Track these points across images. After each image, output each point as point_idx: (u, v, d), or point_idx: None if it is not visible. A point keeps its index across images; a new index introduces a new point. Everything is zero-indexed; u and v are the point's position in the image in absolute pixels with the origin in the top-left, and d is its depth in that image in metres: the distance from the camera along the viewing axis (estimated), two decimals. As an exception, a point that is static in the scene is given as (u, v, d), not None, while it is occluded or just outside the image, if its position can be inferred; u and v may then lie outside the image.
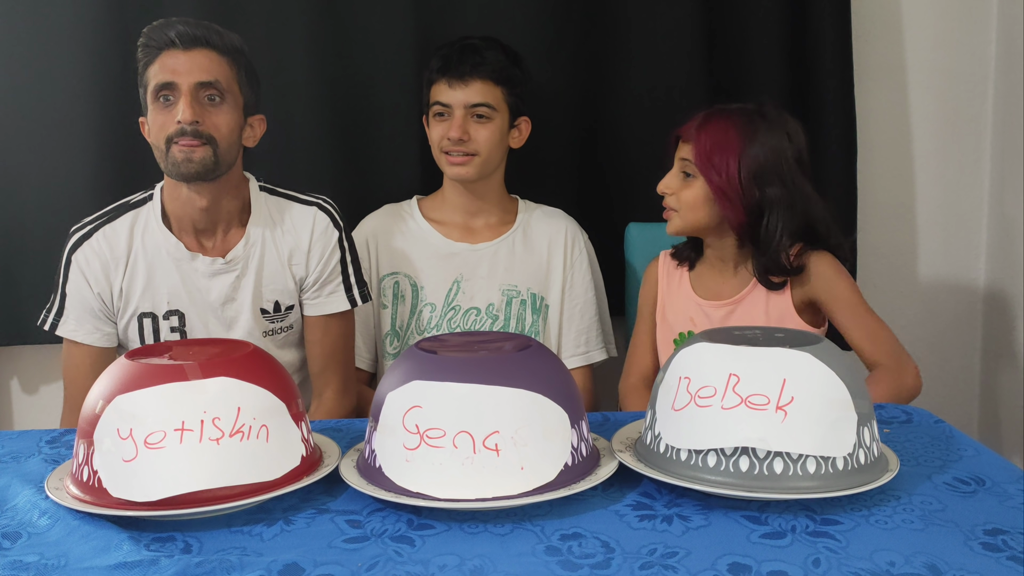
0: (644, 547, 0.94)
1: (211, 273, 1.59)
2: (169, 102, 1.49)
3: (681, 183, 1.61)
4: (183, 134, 1.47)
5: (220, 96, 1.51)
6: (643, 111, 2.02)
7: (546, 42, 1.98)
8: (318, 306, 1.65)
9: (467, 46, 1.74)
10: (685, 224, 1.62)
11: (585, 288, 1.87)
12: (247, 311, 1.61)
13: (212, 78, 1.49)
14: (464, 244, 1.83)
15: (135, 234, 1.59)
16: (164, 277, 1.58)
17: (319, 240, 1.63)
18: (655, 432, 1.09)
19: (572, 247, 1.86)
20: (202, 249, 1.59)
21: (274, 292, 1.62)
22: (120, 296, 1.59)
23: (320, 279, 1.64)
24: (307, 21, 1.96)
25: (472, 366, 1.05)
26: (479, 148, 1.74)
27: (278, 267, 1.62)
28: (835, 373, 1.03)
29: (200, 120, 1.48)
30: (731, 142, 1.55)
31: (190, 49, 1.49)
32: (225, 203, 1.58)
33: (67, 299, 1.59)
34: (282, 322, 1.65)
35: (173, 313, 1.60)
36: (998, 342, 2.16)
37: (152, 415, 1.01)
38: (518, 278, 1.82)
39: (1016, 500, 1.03)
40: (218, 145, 1.50)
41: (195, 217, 1.57)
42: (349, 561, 0.92)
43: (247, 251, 1.60)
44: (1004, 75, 2.10)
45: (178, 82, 1.48)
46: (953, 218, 2.19)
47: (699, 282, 1.70)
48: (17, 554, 0.95)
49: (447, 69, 1.73)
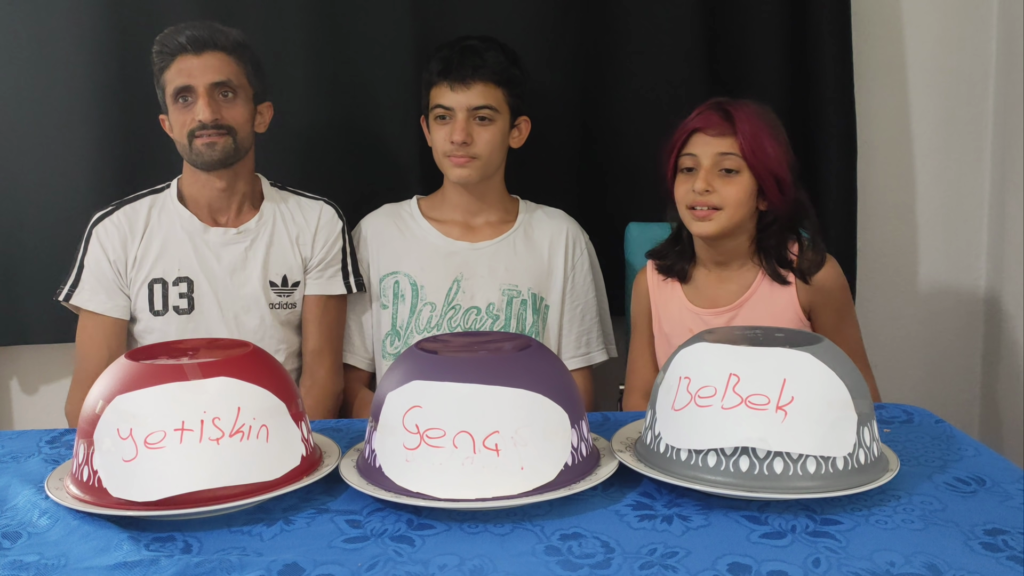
0: (644, 547, 0.94)
1: (223, 243, 1.72)
2: (188, 102, 1.64)
3: (723, 180, 1.51)
4: (204, 128, 1.62)
5: (233, 92, 1.66)
6: (643, 111, 2.01)
7: (546, 42, 1.98)
8: (319, 286, 1.77)
9: (467, 47, 1.73)
10: (730, 223, 1.51)
11: (586, 289, 1.86)
12: (255, 280, 1.72)
13: (224, 77, 1.64)
14: (464, 243, 1.83)
15: (152, 212, 1.73)
16: (177, 246, 1.71)
17: (324, 227, 1.78)
18: (655, 432, 1.09)
19: (573, 248, 1.85)
20: (215, 224, 1.73)
21: (282, 266, 1.75)
22: (134, 264, 1.70)
23: (324, 261, 1.77)
24: (306, 21, 1.96)
25: (472, 366, 1.05)
26: (481, 151, 1.73)
27: (287, 244, 1.75)
28: (835, 373, 1.03)
29: (218, 116, 1.63)
30: (769, 129, 1.50)
31: (201, 53, 1.64)
32: (240, 186, 1.73)
33: (84, 270, 1.70)
34: (288, 297, 1.75)
35: (182, 280, 1.70)
36: (998, 342, 2.16)
37: (152, 415, 1.01)
38: (519, 278, 1.82)
39: (1016, 500, 1.03)
40: (236, 133, 1.66)
41: (212, 197, 1.72)
42: (349, 561, 0.92)
43: (259, 226, 1.74)
44: (1004, 75, 2.10)
45: (194, 84, 1.63)
46: (953, 218, 2.19)
47: (694, 291, 1.62)
48: (17, 554, 0.95)
49: (448, 72, 1.72)
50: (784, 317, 1.56)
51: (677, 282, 1.63)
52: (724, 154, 1.50)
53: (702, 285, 1.62)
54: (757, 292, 1.57)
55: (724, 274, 1.60)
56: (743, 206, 1.51)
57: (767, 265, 1.56)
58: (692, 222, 1.54)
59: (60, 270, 1.73)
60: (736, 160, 1.50)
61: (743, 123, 1.49)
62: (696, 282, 1.62)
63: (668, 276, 1.64)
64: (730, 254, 1.58)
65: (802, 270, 1.54)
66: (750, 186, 1.51)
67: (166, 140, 1.72)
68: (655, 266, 1.67)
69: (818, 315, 1.57)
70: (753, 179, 1.50)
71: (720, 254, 1.58)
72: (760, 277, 1.58)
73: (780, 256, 1.56)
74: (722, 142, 1.50)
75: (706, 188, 1.50)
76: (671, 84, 2.00)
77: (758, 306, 1.57)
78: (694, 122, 1.54)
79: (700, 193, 1.50)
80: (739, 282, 1.59)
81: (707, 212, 1.51)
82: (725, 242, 1.56)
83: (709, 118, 1.52)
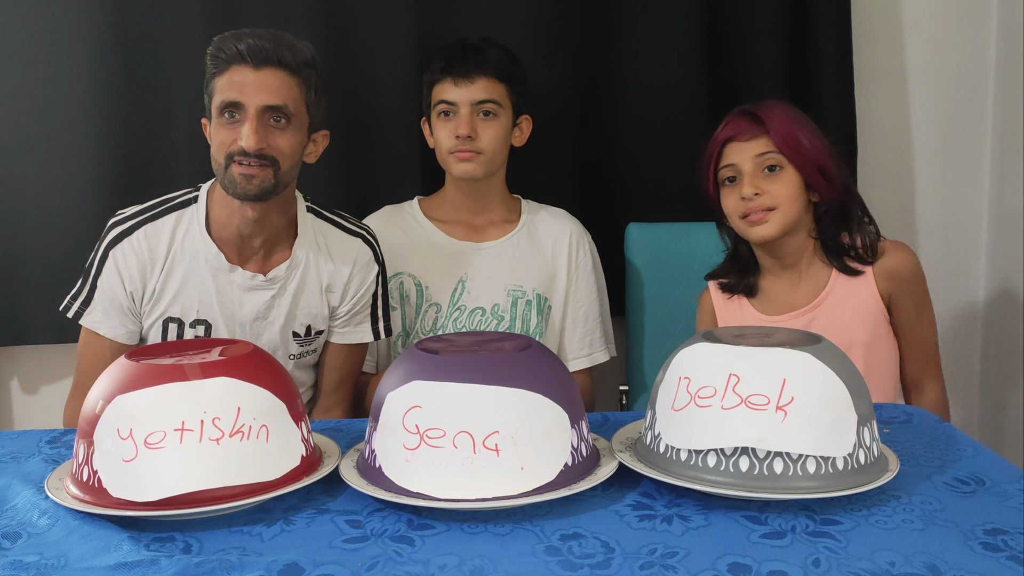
0: (644, 547, 0.94)
1: (248, 288, 1.57)
2: (234, 119, 1.45)
3: (769, 180, 1.48)
4: (245, 155, 1.43)
5: (287, 119, 1.46)
6: (643, 111, 2.02)
7: (546, 42, 1.98)
8: (345, 335, 1.66)
9: (468, 45, 1.75)
10: (787, 220, 1.47)
11: (589, 291, 1.86)
12: (276, 330, 1.60)
13: (280, 102, 1.45)
14: (469, 243, 1.83)
15: (176, 237, 1.55)
16: (198, 284, 1.56)
17: (359, 273, 1.63)
18: (655, 432, 1.09)
19: (577, 250, 1.85)
20: (242, 263, 1.57)
21: (308, 316, 1.61)
22: (151, 297, 1.56)
23: (353, 311, 1.65)
24: (307, 22, 1.96)
25: (472, 366, 1.05)
26: (485, 146, 1.73)
27: (316, 293, 1.61)
28: (835, 373, 1.03)
29: (264, 144, 1.44)
30: (799, 121, 1.48)
31: (260, 68, 1.44)
32: (274, 218, 1.55)
33: (97, 291, 1.55)
34: (309, 346, 1.65)
35: (200, 322, 1.57)
36: (998, 342, 2.16)
37: (152, 415, 1.01)
38: (523, 278, 1.82)
39: (1016, 500, 1.03)
40: (280, 167, 1.47)
41: (242, 226, 1.53)
42: (349, 561, 0.92)
43: (289, 272, 1.58)
44: (1004, 76, 2.10)
45: (245, 103, 1.43)
46: (953, 218, 2.19)
47: (765, 301, 1.57)
48: (17, 554, 0.95)
49: (451, 68, 1.73)
50: (866, 310, 1.51)
51: (744, 297, 1.59)
52: (762, 154, 1.48)
53: (773, 292, 1.57)
54: (835, 289, 1.53)
55: (795, 276, 1.56)
56: (796, 200, 1.48)
57: (835, 260, 1.52)
58: (749, 230, 1.50)
59: (61, 271, 1.72)
60: (776, 156, 1.47)
61: (773, 120, 1.47)
62: (766, 291, 1.58)
63: (735, 293, 1.59)
64: (796, 254, 1.54)
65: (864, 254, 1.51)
66: (796, 180, 1.48)
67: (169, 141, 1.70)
68: (719, 286, 1.62)
69: (897, 306, 1.53)
70: (797, 173, 1.48)
71: (786, 256, 1.55)
72: (835, 274, 1.53)
73: (840, 246, 1.52)
74: (757, 143, 1.49)
75: (755, 192, 1.47)
76: (672, 84, 2.00)
77: (838, 303, 1.52)
78: (724, 132, 1.52)
79: (750, 198, 1.48)
80: (813, 282, 1.55)
81: (762, 215, 1.48)
82: (787, 242, 1.53)
83: (738, 125, 1.50)
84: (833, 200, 1.51)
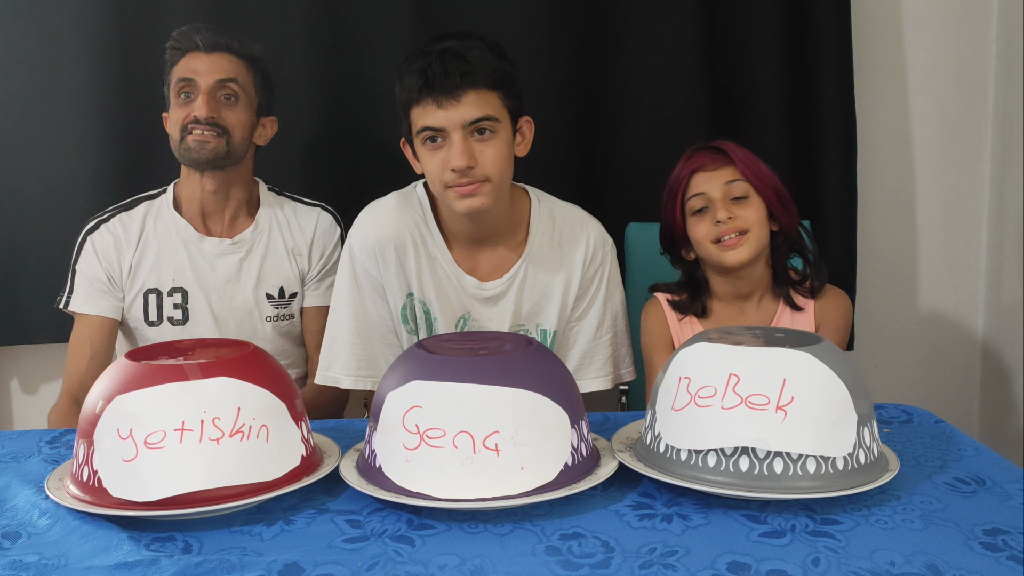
0: (644, 546, 0.94)
1: (218, 253, 1.71)
2: (189, 98, 1.63)
3: (738, 206, 1.49)
4: (198, 123, 1.61)
5: (236, 96, 1.65)
6: (643, 111, 2.01)
7: (546, 43, 1.98)
8: (317, 297, 1.76)
9: (446, 52, 1.42)
10: (759, 244, 1.49)
11: (614, 315, 1.64)
12: (249, 292, 1.71)
13: (230, 76, 1.64)
14: (472, 279, 1.59)
15: (148, 219, 1.71)
16: (171, 256, 1.69)
17: (322, 236, 1.76)
18: (655, 432, 1.09)
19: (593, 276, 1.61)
20: (209, 233, 1.72)
21: (279, 278, 1.73)
22: (129, 273, 1.69)
23: (322, 271, 1.76)
24: (307, 22, 1.96)
25: (472, 366, 1.05)
26: (490, 171, 1.45)
27: (283, 255, 1.73)
28: (835, 373, 1.03)
29: (215, 114, 1.62)
30: (755, 155, 1.53)
31: (212, 52, 1.64)
32: (234, 192, 1.71)
33: (76, 275, 1.69)
34: (285, 309, 1.74)
35: (177, 290, 1.69)
36: (998, 342, 2.16)
37: (152, 415, 1.01)
38: (528, 319, 1.62)
39: (1016, 500, 1.03)
40: (231, 136, 1.64)
41: (204, 200, 1.70)
42: (349, 561, 0.92)
43: (254, 236, 1.73)
44: (1004, 75, 2.10)
45: (198, 80, 1.62)
46: (953, 218, 2.19)
47: (714, 325, 1.55)
48: (17, 554, 0.95)
49: (431, 86, 1.41)
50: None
51: (694, 318, 1.58)
52: (731, 182, 1.50)
53: (723, 319, 1.57)
54: (780, 323, 1.55)
55: (745, 306, 1.57)
56: (764, 226, 1.51)
57: (782, 291, 1.55)
58: (723, 255, 1.50)
59: (61, 271, 1.73)
60: (743, 186, 1.50)
61: (735, 151, 1.51)
62: (717, 315, 1.58)
63: (686, 314, 1.58)
64: (754, 284, 1.55)
65: (812, 288, 1.55)
66: (762, 207, 1.51)
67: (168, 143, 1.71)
68: (669, 303, 1.60)
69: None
70: (762, 201, 1.51)
71: (745, 285, 1.55)
72: (781, 307, 1.56)
73: (789, 278, 1.55)
74: (724, 172, 1.51)
75: (728, 216, 1.49)
76: (672, 84, 2.00)
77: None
78: (689, 165, 1.53)
79: (724, 222, 1.49)
80: (760, 314, 1.56)
81: (736, 239, 1.49)
82: (751, 270, 1.53)
83: (702, 157, 1.53)
84: (791, 230, 1.55)
